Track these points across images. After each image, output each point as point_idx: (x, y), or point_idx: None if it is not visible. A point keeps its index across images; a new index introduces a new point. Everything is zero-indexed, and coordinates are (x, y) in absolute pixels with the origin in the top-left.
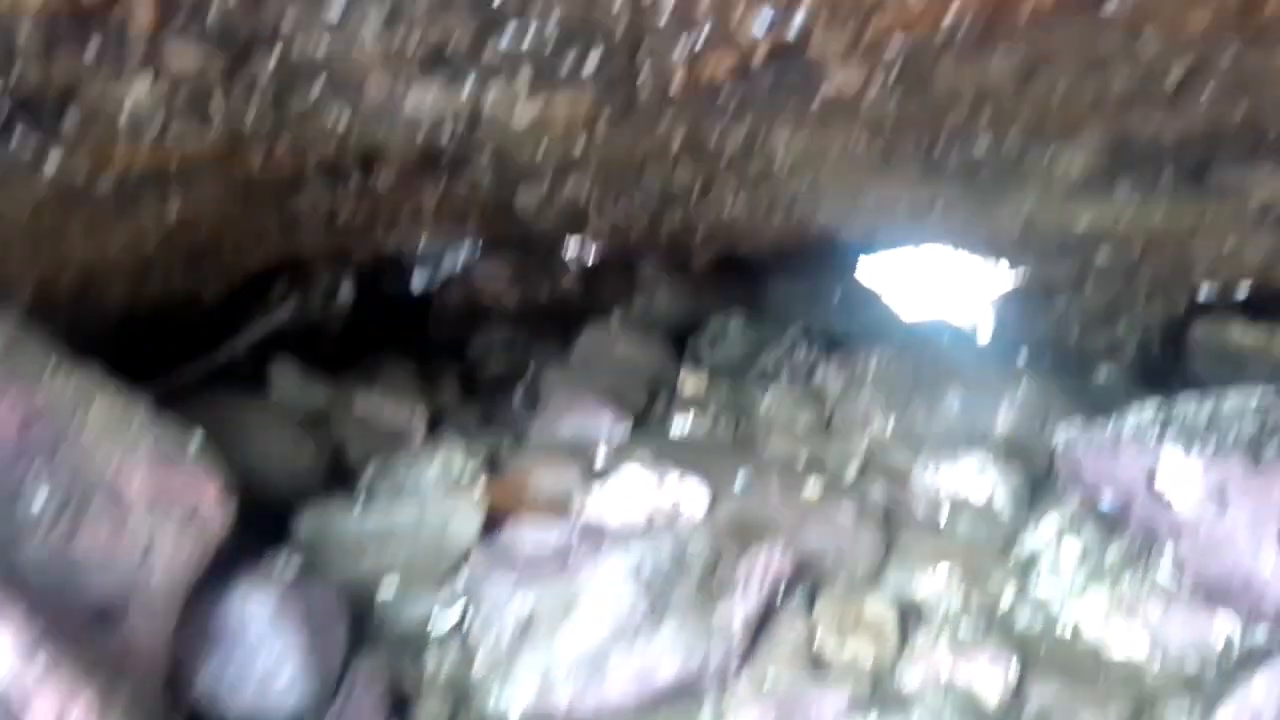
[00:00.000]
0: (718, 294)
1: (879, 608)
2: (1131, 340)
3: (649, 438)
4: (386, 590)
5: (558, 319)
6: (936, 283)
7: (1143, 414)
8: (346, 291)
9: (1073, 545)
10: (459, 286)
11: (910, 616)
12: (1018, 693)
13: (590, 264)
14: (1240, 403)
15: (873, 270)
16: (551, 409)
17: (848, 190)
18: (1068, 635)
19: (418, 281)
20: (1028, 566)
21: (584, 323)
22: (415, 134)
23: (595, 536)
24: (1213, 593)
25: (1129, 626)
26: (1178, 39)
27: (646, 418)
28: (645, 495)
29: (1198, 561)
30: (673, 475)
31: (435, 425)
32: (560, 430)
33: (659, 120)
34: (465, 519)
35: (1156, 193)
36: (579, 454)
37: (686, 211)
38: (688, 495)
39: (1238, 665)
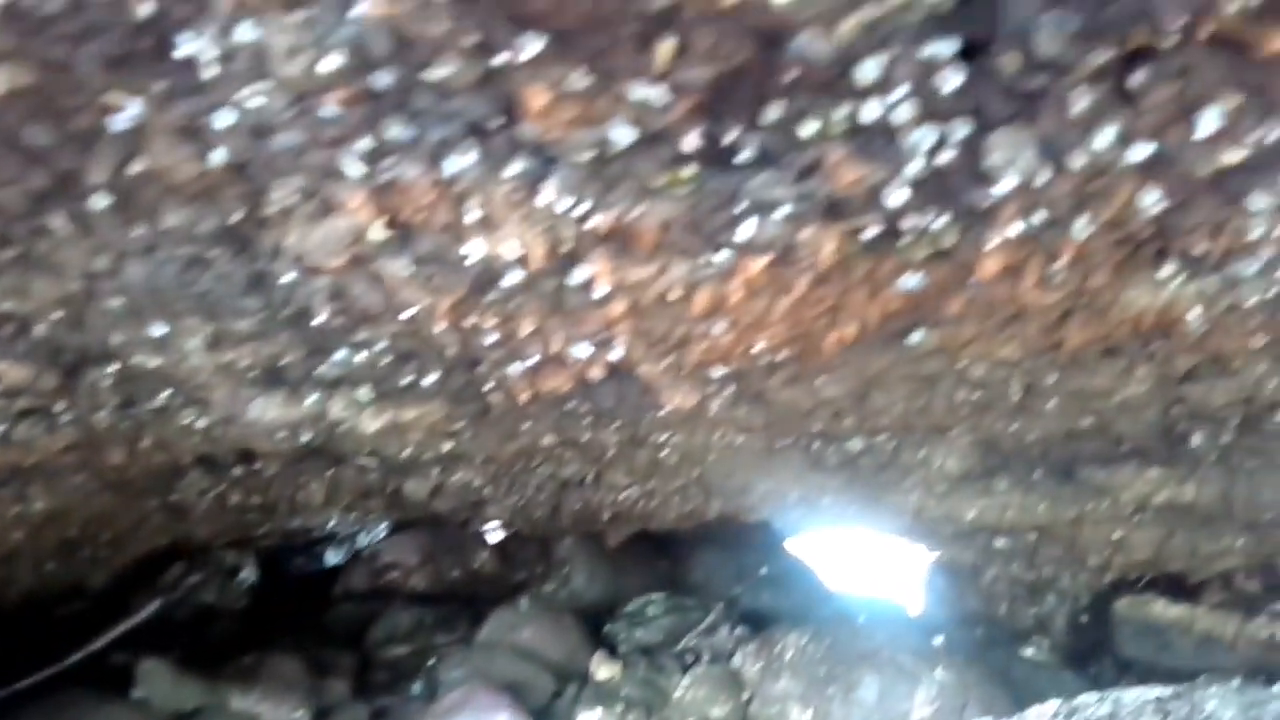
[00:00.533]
0: (640, 569)
1: None
2: (1060, 614)
3: None
4: None
5: (469, 599)
6: (867, 557)
7: (1044, 713)
8: (249, 573)
9: None
10: (364, 566)
11: None
12: None
13: (505, 540)
14: (1135, 703)
15: (802, 545)
16: (444, 705)
17: (738, 481)
18: None
19: (326, 561)
20: None
21: (496, 603)
22: (274, 435)
23: None
24: None
25: None
26: (997, 365)
27: (551, 709)
28: None
29: None
30: None
31: None
32: None
33: (520, 423)
34: None
35: (1033, 489)
36: None
37: (586, 497)
38: None
39: None
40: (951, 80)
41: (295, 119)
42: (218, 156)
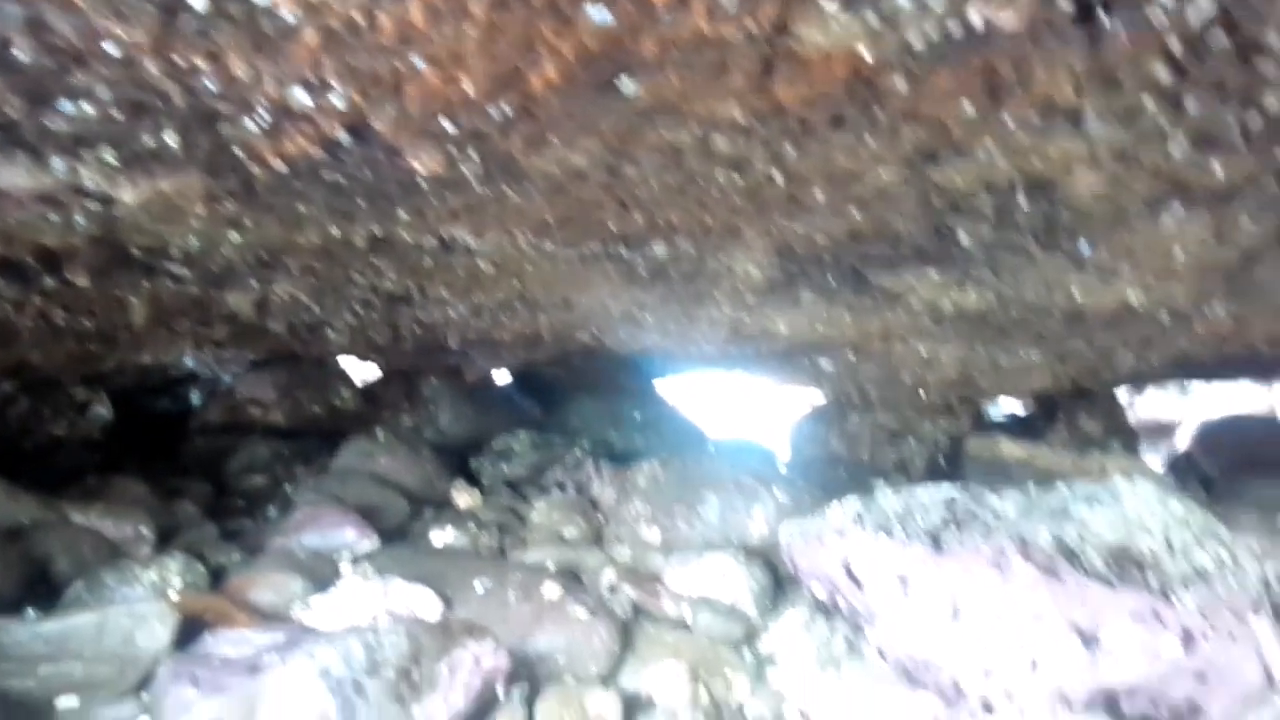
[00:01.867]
0: (509, 413)
1: (604, 703)
2: (920, 457)
3: (402, 550)
4: (67, 702)
5: (330, 436)
6: (741, 402)
7: (845, 508)
8: (103, 409)
9: (807, 639)
10: (220, 402)
11: (636, 710)
12: None
13: (372, 382)
14: (931, 496)
15: (676, 390)
16: (293, 523)
17: (559, 295)
18: None
19: (187, 402)
20: (766, 661)
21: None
22: (47, 220)
23: (294, 642)
24: (907, 672)
25: (848, 711)
26: (734, 133)
27: (407, 531)
28: (368, 604)
29: (890, 643)
30: (399, 584)
31: (168, 540)
32: (298, 543)
33: (294, 204)
34: (154, 628)
35: (835, 299)
36: (312, 566)
37: (418, 316)
38: (416, 603)
39: None
40: None
41: None
42: None
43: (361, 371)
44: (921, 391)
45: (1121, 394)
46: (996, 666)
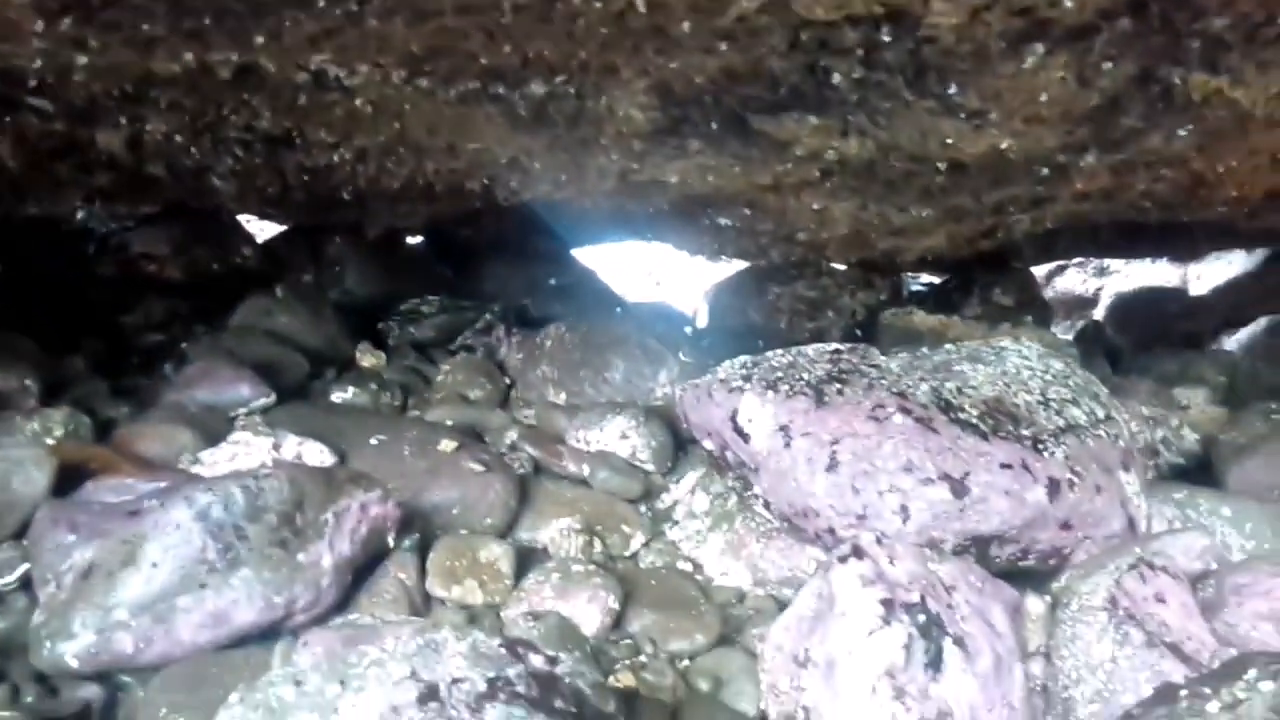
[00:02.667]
0: (421, 275)
1: (497, 553)
2: (836, 328)
3: (300, 408)
4: None
5: (232, 294)
6: (658, 273)
7: (734, 365)
8: None
9: (703, 496)
10: (112, 256)
11: (531, 561)
12: (617, 623)
13: (274, 240)
14: (815, 354)
15: (595, 259)
16: (185, 378)
17: (442, 140)
18: (686, 573)
19: (79, 256)
20: (663, 516)
21: None
22: None
23: (176, 489)
24: (789, 522)
25: (737, 563)
26: None
27: (307, 390)
28: (258, 458)
29: (774, 494)
30: (291, 438)
31: (56, 395)
32: (191, 399)
33: (138, 23)
34: (30, 473)
35: (722, 148)
36: (204, 421)
37: (301, 161)
38: (308, 456)
39: None
40: None
41: None
42: None
43: (265, 230)
44: (820, 252)
45: (1041, 271)
46: (870, 514)
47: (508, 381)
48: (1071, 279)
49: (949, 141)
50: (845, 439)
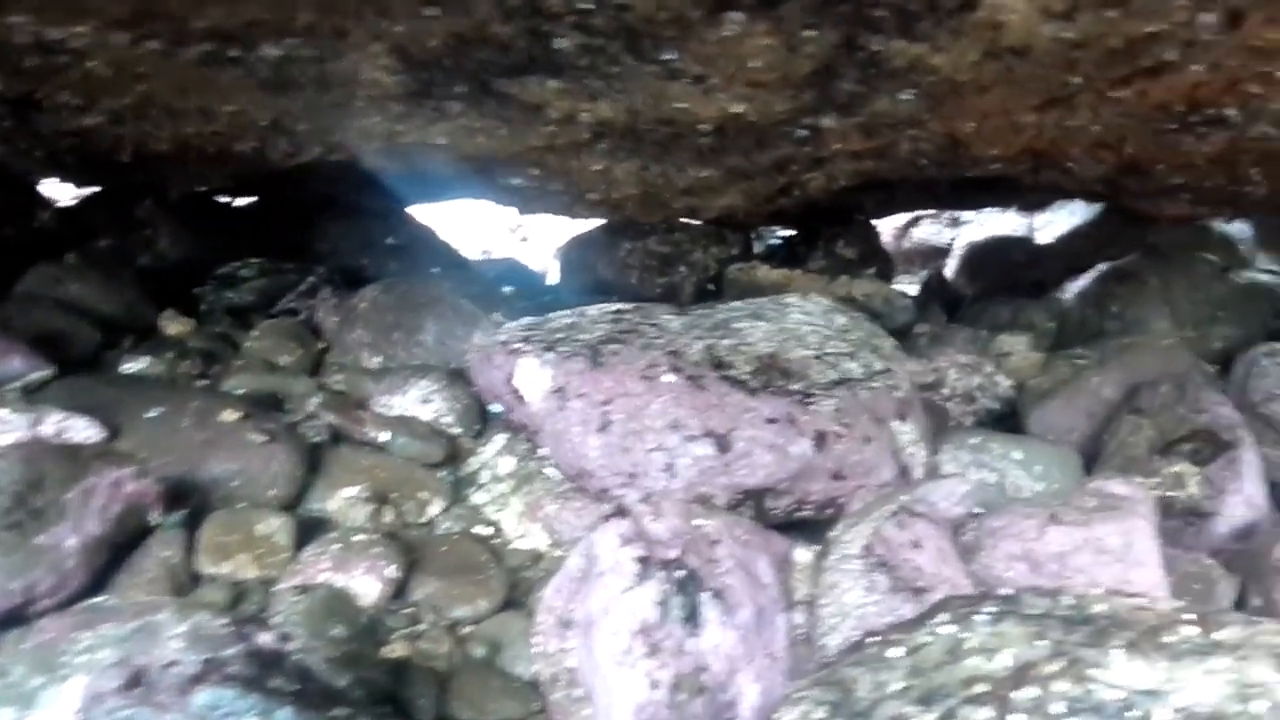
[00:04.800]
0: (246, 237)
1: (274, 525)
2: (689, 283)
3: (83, 380)
4: None
5: (25, 261)
6: (505, 230)
7: (516, 326)
8: None
9: (509, 458)
10: None
11: (316, 532)
12: (400, 592)
13: (79, 204)
14: (598, 315)
15: (436, 216)
16: None
17: (194, 105)
18: (481, 538)
19: None
20: (467, 481)
21: None
22: None
23: None
24: (574, 482)
25: (535, 525)
26: None
27: (99, 361)
28: (15, 437)
29: (556, 455)
30: (54, 415)
31: None
32: None
33: None
34: None
35: (482, 110)
36: None
37: (58, 127)
38: (73, 432)
39: None
40: None
41: None
42: None
43: (65, 192)
44: (621, 211)
45: (899, 222)
46: (639, 472)
47: (322, 346)
48: (927, 229)
49: (681, 105)
50: (617, 399)
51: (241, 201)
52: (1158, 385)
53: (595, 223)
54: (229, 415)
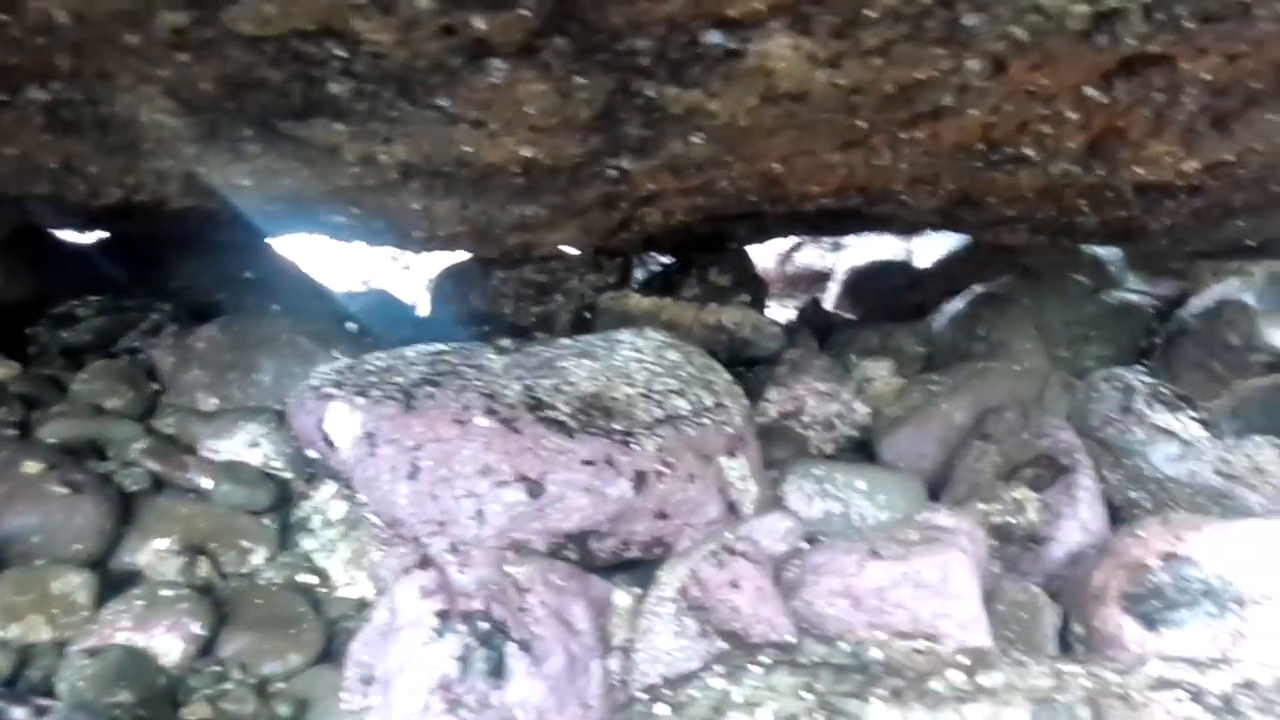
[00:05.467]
0: (89, 273)
1: (73, 583)
2: (565, 312)
3: None
4: None
5: None
6: (391, 257)
7: (329, 370)
8: None
9: (341, 502)
10: None
11: (123, 586)
12: (206, 650)
13: None
14: (416, 356)
15: (299, 249)
16: None
17: None
18: (304, 587)
19: None
20: (300, 525)
21: None
22: None
23: None
24: (388, 528)
25: (361, 572)
26: None
27: None
28: None
29: (369, 501)
30: None
31: None
32: None
33: None
34: None
35: (280, 151)
36: None
37: None
38: None
39: None
40: None
41: None
42: None
43: None
44: (454, 246)
45: (783, 247)
46: (449, 520)
47: (156, 388)
48: (809, 254)
49: (468, 149)
50: (428, 444)
51: (92, 237)
52: (1004, 411)
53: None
54: (31, 467)
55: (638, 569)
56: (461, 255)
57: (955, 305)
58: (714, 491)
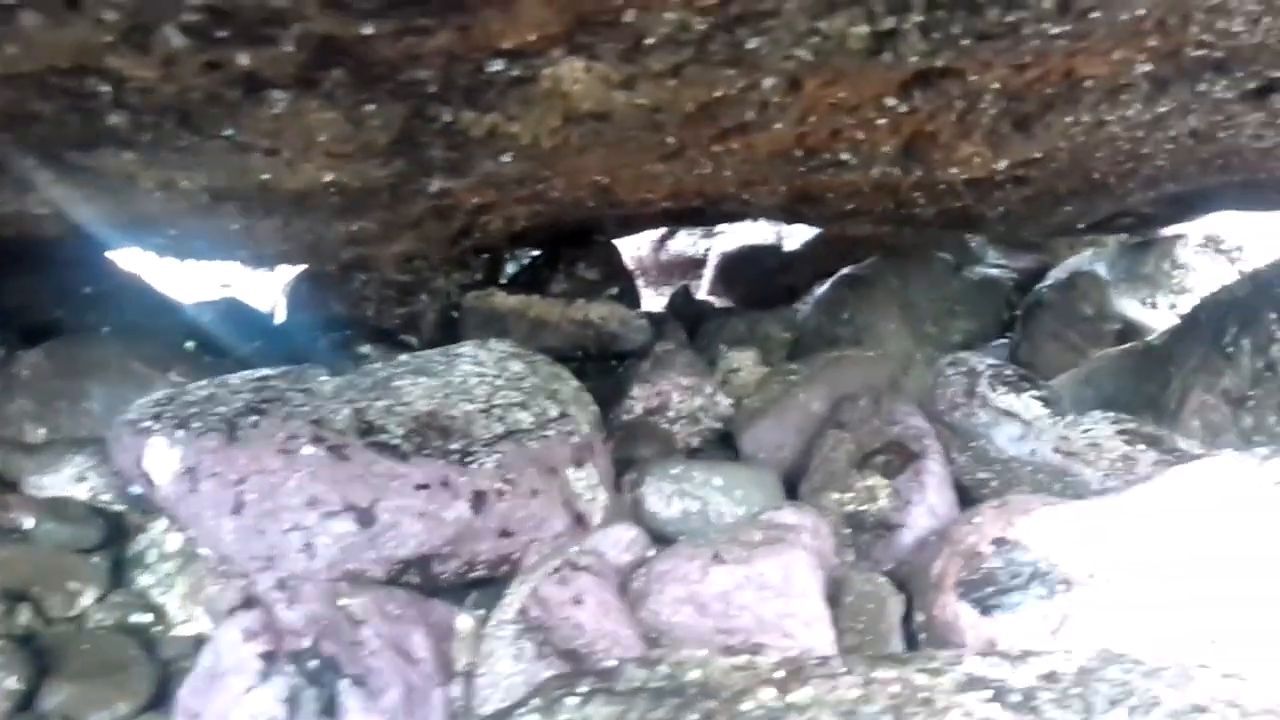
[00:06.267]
0: None
1: None
2: (432, 312)
3: None
4: None
5: None
6: (226, 271)
7: (148, 401)
8: None
9: (176, 535)
10: None
11: None
12: (25, 704)
13: None
14: (240, 383)
15: (142, 261)
16: None
17: None
18: (137, 628)
19: None
20: (136, 560)
21: None
22: None
23: None
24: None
25: (198, 608)
26: None
27: None
28: None
29: (198, 537)
30: None
31: None
32: None
33: None
34: None
35: (71, 180)
36: None
37: None
38: None
39: None
40: None
41: None
42: None
43: None
44: (290, 259)
45: (656, 235)
46: (277, 555)
47: None
48: (683, 241)
49: (266, 176)
50: (252, 477)
51: None
52: (857, 398)
53: None
54: None
55: (491, 586)
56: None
57: (822, 289)
58: (559, 505)
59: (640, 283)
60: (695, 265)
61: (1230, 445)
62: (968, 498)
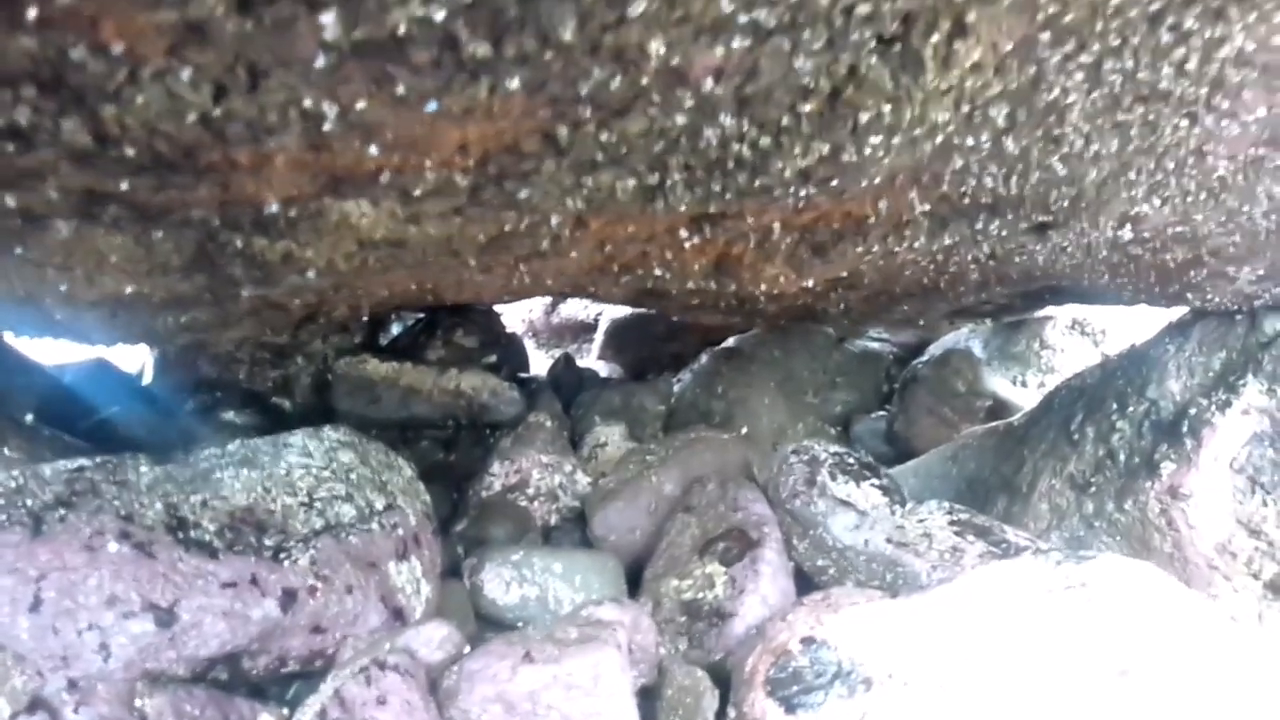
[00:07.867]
0: None
1: None
2: (306, 374)
3: None
4: None
5: None
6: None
7: None
8: None
9: None
10: None
11: None
12: None
13: None
14: (53, 474)
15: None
16: None
17: None
18: None
19: None
20: None
21: None
22: None
23: None
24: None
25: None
26: None
27: None
28: None
29: None
30: None
31: None
32: None
33: None
34: None
35: None
36: None
37: None
38: None
39: None
40: None
41: None
42: None
43: None
44: (168, 340)
45: (547, 299)
46: (71, 655)
47: None
48: (574, 306)
49: (64, 288)
50: (52, 574)
51: None
52: (707, 482)
53: None
54: None
55: (315, 678)
56: None
57: (700, 362)
58: (375, 600)
59: (531, 344)
60: (586, 330)
61: (1073, 530)
62: (810, 585)
